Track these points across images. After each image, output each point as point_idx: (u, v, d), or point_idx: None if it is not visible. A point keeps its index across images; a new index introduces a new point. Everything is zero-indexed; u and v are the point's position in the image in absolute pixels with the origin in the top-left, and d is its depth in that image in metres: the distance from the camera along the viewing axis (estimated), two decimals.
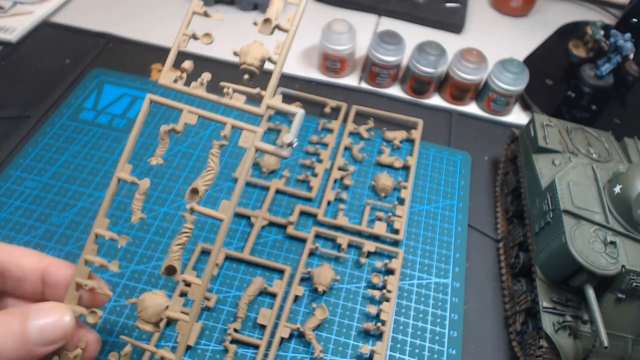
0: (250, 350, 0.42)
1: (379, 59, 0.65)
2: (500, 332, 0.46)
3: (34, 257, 0.31)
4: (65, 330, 0.28)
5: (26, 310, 0.28)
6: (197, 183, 0.31)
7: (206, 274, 0.30)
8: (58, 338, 0.28)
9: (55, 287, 0.31)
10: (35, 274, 0.31)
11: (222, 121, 0.33)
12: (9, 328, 0.27)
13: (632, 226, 0.40)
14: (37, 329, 0.27)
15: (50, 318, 0.28)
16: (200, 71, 0.72)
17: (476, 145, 0.62)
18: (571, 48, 0.72)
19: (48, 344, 0.28)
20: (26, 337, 0.27)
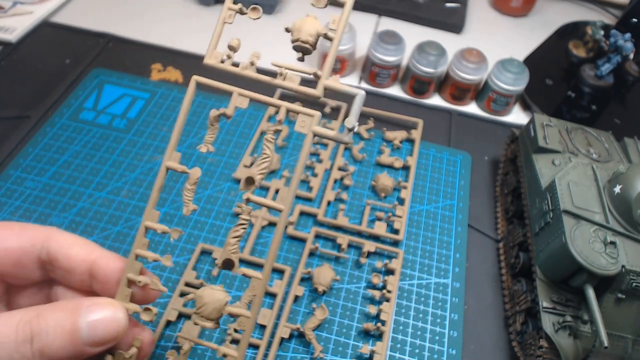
0: (250, 350, 0.42)
1: (379, 59, 0.65)
2: (500, 332, 0.46)
3: (84, 248, 0.29)
4: (117, 329, 0.27)
5: (78, 305, 0.26)
6: (252, 172, 0.29)
7: (266, 269, 0.28)
8: (110, 337, 0.27)
9: (104, 282, 0.29)
10: (83, 267, 0.29)
11: (275, 104, 0.30)
12: (58, 325, 0.25)
13: (632, 226, 0.40)
14: (89, 327, 0.26)
15: (103, 315, 0.26)
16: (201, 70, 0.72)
17: (476, 145, 0.62)
18: (571, 48, 0.72)
19: (99, 343, 0.26)
20: (76, 335, 0.25)
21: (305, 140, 0.29)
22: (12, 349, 0.24)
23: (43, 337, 0.24)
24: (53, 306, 0.26)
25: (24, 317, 0.25)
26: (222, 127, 0.60)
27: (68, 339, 0.25)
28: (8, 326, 0.24)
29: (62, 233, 0.30)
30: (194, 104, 0.62)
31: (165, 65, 0.67)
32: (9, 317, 0.25)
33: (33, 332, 0.24)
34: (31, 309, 0.25)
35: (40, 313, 0.25)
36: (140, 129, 0.59)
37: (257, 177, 0.29)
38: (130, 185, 0.53)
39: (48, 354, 0.25)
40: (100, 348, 0.26)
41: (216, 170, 0.55)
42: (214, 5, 0.78)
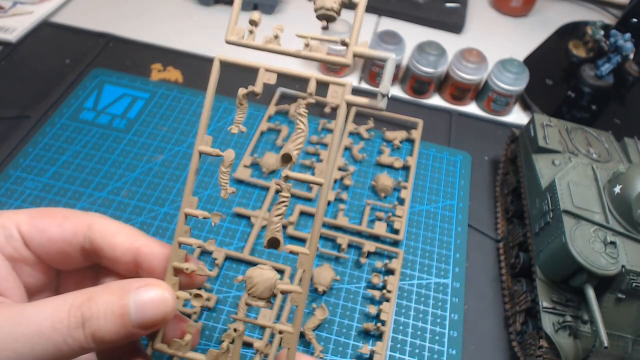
0: (250, 350, 0.42)
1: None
2: (500, 332, 0.46)
3: (128, 236, 0.29)
4: (165, 309, 0.26)
5: (127, 286, 0.26)
6: (288, 148, 0.28)
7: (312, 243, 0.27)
8: (158, 318, 0.26)
9: (150, 270, 0.29)
10: (128, 255, 0.29)
11: (305, 77, 0.30)
12: (109, 308, 0.25)
13: (632, 226, 0.40)
14: (137, 308, 0.26)
15: (151, 295, 0.26)
16: (200, 70, 0.72)
17: (476, 145, 0.62)
18: (571, 48, 0.72)
19: (147, 325, 0.26)
20: (126, 317, 0.25)
21: (339, 111, 0.29)
22: (66, 334, 0.24)
23: (94, 322, 0.25)
24: (103, 289, 0.26)
25: (75, 301, 0.25)
26: (222, 127, 0.60)
27: (118, 322, 0.25)
28: (61, 311, 0.24)
29: (105, 220, 0.30)
30: (194, 104, 0.62)
31: (165, 65, 0.67)
32: (61, 301, 0.25)
33: (84, 316, 0.24)
34: (82, 293, 0.25)
35: (90, 297, 0.25)
36: (140, 129, 0.59)
37: (293, 153, 0.28)
38: (130, 185, 0.53)
39: (99, 338, 0.25)
40: (149, 330, 0.27)
41: (216, 170, 0.55)
42: (214, 5, 0.78)
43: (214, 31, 0.73)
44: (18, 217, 0.28)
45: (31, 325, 0.23)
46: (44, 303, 0.25)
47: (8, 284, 0.27)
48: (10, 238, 0.28)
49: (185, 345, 0.29)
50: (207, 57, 0.68)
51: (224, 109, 0.62)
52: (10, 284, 0.27)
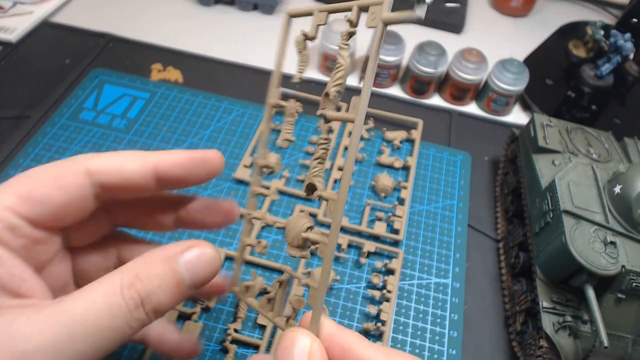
0: (250, 350, 0.42)
1: (379, 59, 0.65)
2: (500, 332, 0.46)
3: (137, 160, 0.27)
4: (215, 263, 0.26)
5: (170, 253, 0.25)
6: (327, 86, 0.27)
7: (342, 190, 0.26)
8: (210, 273, 0.26)
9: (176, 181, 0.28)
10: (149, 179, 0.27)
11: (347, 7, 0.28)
12: (163, 280, 0.24)
13: (632, 226, 0.40)
14: (189, 272, 0.25)
15: (196, 255, 0.26)
16: (200, 70, 0.72)
17: (476, 145, 0.62)
18: (571, 48, 0.72)
19: (201, 283, 0.26)
20: (182, 283, 0.25)
21: (376, 35, 0.26)
22: (128, 318, 0.23)
23: (153, 298, 0.24)
24: (147, 262, 0.25)
25: (123, 281, 0.23)
26: (222, 127, 0.60)
27: (176, 290, 0.25)
28: (113, 296, 0.23)
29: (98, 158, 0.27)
30: (194, 104, 0.62)
31: (165, 65, 0.67)
32: (108, 286, 0.23)
33: (141, 295, 0.23)
34: (126, 271, 0.24)
35: (138, 272, 0.24)
36: (140, 129, 0.59)
37: (332, 90, 0.26)
38: None
39: (160, 310, 0.24)
40: (202, 287, 0.26)
41: None
42: (214, 5, 0.78)
43: (214, 31, 0.73)
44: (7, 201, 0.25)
45: (89, 322, 0.22)
46: (89, 293, 0.23)
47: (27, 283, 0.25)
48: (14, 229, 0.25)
49: (264, 247, 0.30)
50: (207, 57, 0.68)
51: (224, 109, 0.62)
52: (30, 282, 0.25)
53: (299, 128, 0.60)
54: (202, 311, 0.44)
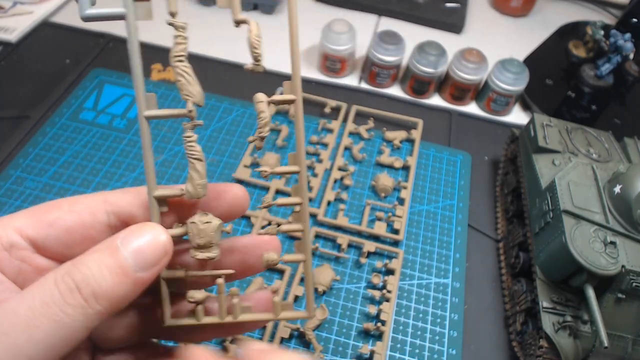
0: None
1: (379, 59, 0.65)
2: (500, 332, 0.46)
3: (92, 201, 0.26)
4: (164, 243, 0.24)
5: (110, 239, 0.24)
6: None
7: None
8: (160, 254, 0.24)
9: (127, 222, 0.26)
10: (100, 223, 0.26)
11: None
12: (101, 264, 0.23)
13: (632, 226, 0.40)
14: (133, 254, 0.23)
15: (141, 237, 0.24)
16: (200, 70, 0.71)
17: (476, 145, 0.62)
18: (571, 48, 0.72)
19: (150, 265, 0.24)
20: (125, 265, 0.23)
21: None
22: (61, 304, 0.21)
23: (90, 281, 0.22)
24: (86, 253, 0.23)
25: (58, 272, 0.22)
26: (222, 127, 0.60)
27: (119, 272, 0.23)
28: (47, 286, 0.22)
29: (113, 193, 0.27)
30: None
31: (165, 65, 0.67)
32: (44, 278, 0.22)
33: (76, 281, 0.22)
34: (64, 264, 0.23)
35: (75, 262, 0.23)
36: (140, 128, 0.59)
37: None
38: (130, 185, 0.53)
39: (103, 294, 0.22)
40: (155, 269, 0.24)
41: (216, 170, 0.55)
42: (214, 5, 0.77)
43: (214, 31, 0.73)
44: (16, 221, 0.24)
45: (20, 313, 0.21)
46: (27, 289, 0.22)
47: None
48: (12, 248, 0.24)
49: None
50: (207, 57, 0.68)
51: (224, 109, 0.62)
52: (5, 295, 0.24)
53: None
54: None
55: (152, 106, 0.25)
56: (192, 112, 0.25)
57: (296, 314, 0.27)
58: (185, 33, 0.25)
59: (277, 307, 0.27)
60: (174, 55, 0.24)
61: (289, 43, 0.24)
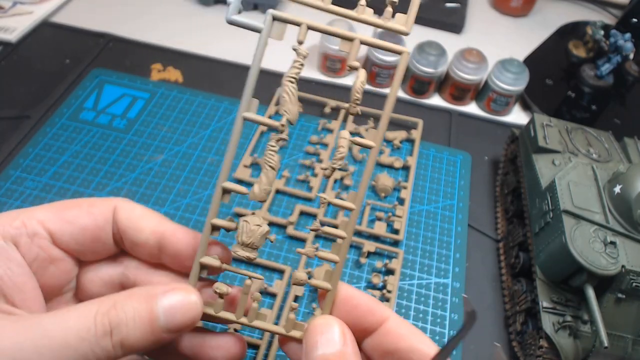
0: (250, 350, 0.42)
1: (379, 59, 0.65)
2: (500, 332, 0.46)
3: (153, 219, 0.28)
4: (194, 312, 0.26)
5: (152, 292, 0.25)
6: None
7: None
8: (188, 322, 0.26)
9: (173, 256, 0.28)
10: (153, 239, 0.28)
11: (349, 37, 0.28)
12: (137, 314, 0.24)
13: (632, 226, 0.40)
14: (165, 313, 0.25)
15: (178, 299, 0.25)
16: (200, 70, 0.72)
17: (476, 145, 0.62)
18: (571, 48, 0.72)
19: (176, 329, 0.25)
20: (155, 323, 0.25)
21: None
22: (93, 343, 0.23)
23: (122, 329, 0.24)
24: (128, 295, 0.25)
25: (100, 308, 0.24)
26: (222, 127, 0.60)
27: (147, 328, 0.25)
28: (87, 319, 0.23)
29: (130, 203, 0.29)
30: (194, 104, 0.62)
31: (165, 65, 0.67)
32: (85, 309, 0.24)
33: (112, 324, 0.24)
34: (106, 299, 0.25)
35: (116, 303, 0.24)
36: (140, 129, 0.59)
37: None
38: (130, 185, 0.53)
39: (128, 345, 0.24)
40: (178, 334, 0.26)
41: (216, 170, 0.55)
42: (214, 5, 0.78)
43: (214, 31, 0.73)
44: (40, 214, 0.27)
45: (55, 337, 0.22)
46: (66, 312, 0.24)
47: (24, 294, 0.26)
48: (35, 237, 0.26)
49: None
50: (207, 57, 0.68)
51: (224, 109, 0.62)
52: (28, 294, 0.26)
53: (299, 128, 0.60)
54: None
55: (252, 110, 0.28)
56: (284, 127, 0.27)
57: None
58: (303, 61, 0.27)
59: (290, 324, 0.28)
60: (288, 76, 0.27)
61: (384, 108, 0.28)
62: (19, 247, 0.26)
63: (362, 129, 0.60)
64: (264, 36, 0.27)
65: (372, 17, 0.28)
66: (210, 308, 0.28)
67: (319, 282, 0.27)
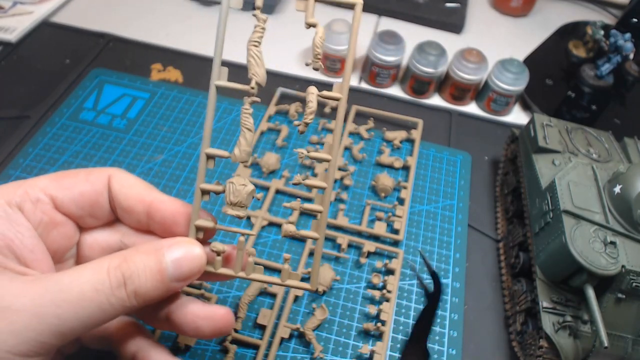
0: (250, 350, 0.42)
1: (379, 59, 0.65)
2: (500, 332, 0.46)
3: (143, 189, 0.31)
4: (199, 263, 0.28)
5: (159, 246, 0.28)
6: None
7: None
8: (194, 271, 0.28)
9: (161, 224, 0.31)
10: (141, 207, 0.30)
11: None
12: (147, 266, 0.26)
13: (632, 226, 0.40)
14: (173, 265, 0.27)
15: (184, 252, 0.28)
16: (200, 70, 0.72)
17: (476, 145, 0.62)
18: (571, 48, 0.72)
19: (184, 278, 0.28)
20: (164, 273, 0.27)
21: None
22: (109, 294, 0.25)
23: (135, 280, 0.26)
24: (136, 250, 0.27)
25: (111, 263, 0.26)
26: (222, 127, 0.60)
27: (157, 278, 0.27)
28: (100, 273, 0.25)
29: (123, 173, 0.31)
30: (194, 104, 0.62)
31: (165, 65, 0.67)
32: (97, 265, 0.26)
33: (124, 276, 0.26)
34: (117, 255, 0.27)
35: (126, 257, 0.26)
36: (140, 129, 0.59)
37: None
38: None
39: (141, 294, 0.26)
40: (185, 283, 0.28)
41: (216, 170, 0.55)
42: (214, 5, 0.77)
43: (214, 31, 0.72)
44: (41, 182, 0.29)
45: (72, 291, 0.24)
46: (81, 269, 0.26)
47: (35, 255, 0.28)
48: (38, 202, 0.28)
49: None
50: (207, 57, 0.68)
51: (223, 109, 0.62)
52: (38, 255, 0.28)
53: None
54: None
55: (223, 78, 0.30)
56: (253, 89, 0.29)
57: (301, 284, 0.31)
58: (264, 25, 0.28)
59: (285, 274, 0.30)
60: (251, 40, 0.28)
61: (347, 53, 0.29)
62: (23, 212, 0.28)
63: (362, 128, 0.60)
64: (224, 6, 0.29)
65: None
66: (209, 266, 0.30)
67: (307, 232, 0.30)
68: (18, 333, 0.23)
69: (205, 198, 0.30)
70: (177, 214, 0.30)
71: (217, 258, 0.30)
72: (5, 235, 0.26)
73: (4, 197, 0.27)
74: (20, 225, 0.27)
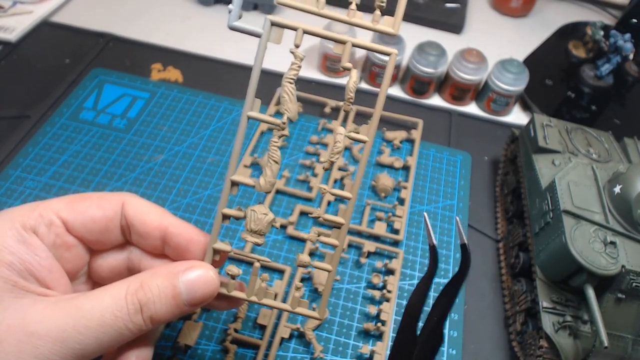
0: (250, 350, 0.42)
1: (379, 59, 0.65)
2: (500, 332, 0.46)
3: (158, 214, 0.32)
4: (213, 287, 0.29)
5: (174, 270, 0.29)
6: None
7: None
8: (207, 295, 0.29)
9: (176, 249, 0.31)
10: (157, 233, 0.31)
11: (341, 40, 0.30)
12: (162, 292, 0.28)
13: (632, 226, 0.40)
14: (187, 289, 0.28)
15: (198, 276, 0.29)
16: (200, 70, 0.72)
17: (476, 145, 0.62)
18: (571, 48, 0.72)
19: (197, 302, 0.29)
20: (179, 298, 0.28)
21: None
22: (127, 320, 0.26)
23: (151, 306, 0.27)
24: (152, 274, 0.28)
25: (129, 288, 0.27)
26: (222, 127, 0.60)
27: (172, 303, 0.28)
28: (119, 299, 0.27)
29: (137, 198, 0.32)
30: (194, 104, 0.62)
31: (165, 65, 0.67)
32: (116, 290, 0.27)
33: (141, 302, 0.27)
34: (134, 279, 0.28)
35: (143, 283, 0.27)
36: (140, 129, 0.59)
37: None
38: (130, 185, 0.53)
39: (156, 319, 0.27)
40: (198, 306, 0.29)
41: (216, 170, 0.55)
42: (214, 5, 0.78)
43: (214, 31, 0.73)
44: (55, 205, 0.30)
45: (94, 318, 0.25)
46: (100, 294, 0.27)
47: (54, 275, 0.28)
48: (51, 225, 0.29)
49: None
50: (207, 57, 0.68)
51: (224, 108, 0.62)
52: (56, 275, 0.29)
53: (299, 128, 0.60)
54: (203, 311, 0.44)
55: (255, 109, 0.29)
56: (284, 124, 0.29)
57: (310, 312, 0.32)
58: (300, 63, 0.29)
59: (295, 302, 0.32)
60: (287, 77, 0.28)
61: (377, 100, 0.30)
62: (38, 235, 0.28)
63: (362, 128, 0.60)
64: (263, 41, 0.28)
65: (361, 20, 0.30)
66: (223, 288, 0.31)
67: (321, 264, 0.31)
68: (42, 357, 0.24)
69: (226, 222, 0.31)
70: (191, 242, 0.31)
71: (231, 281, 0.31)
72: (24, 259, 0.27)
73: (19, 220, 0.28)
74: (37, 248, 0.28)
